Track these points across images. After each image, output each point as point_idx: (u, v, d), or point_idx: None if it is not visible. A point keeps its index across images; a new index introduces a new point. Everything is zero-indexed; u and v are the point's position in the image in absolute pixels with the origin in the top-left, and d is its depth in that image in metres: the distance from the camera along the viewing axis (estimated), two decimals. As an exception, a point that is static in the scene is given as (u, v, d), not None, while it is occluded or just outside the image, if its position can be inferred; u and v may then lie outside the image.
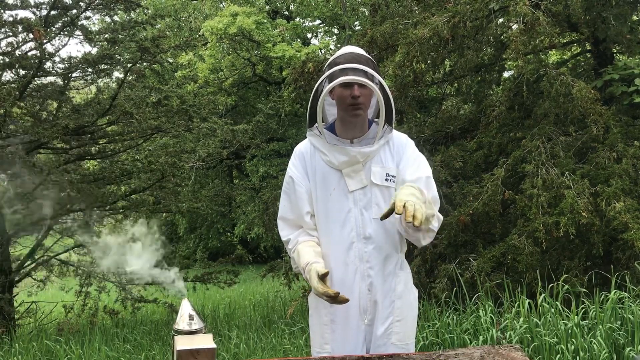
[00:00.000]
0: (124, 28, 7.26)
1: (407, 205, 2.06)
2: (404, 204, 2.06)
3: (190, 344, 1.93)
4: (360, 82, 2.26)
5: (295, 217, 2.42)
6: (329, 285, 2.22)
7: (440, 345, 4.47)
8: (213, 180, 14.99)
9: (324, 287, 2.19)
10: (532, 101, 5.68)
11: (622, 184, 4.77)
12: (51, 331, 6.69)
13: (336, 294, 2.17)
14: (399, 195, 2.13)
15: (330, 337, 2.40)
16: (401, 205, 2.06)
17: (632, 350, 3.83)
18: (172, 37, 14.77)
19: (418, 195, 2.14)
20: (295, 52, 14.45)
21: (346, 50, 2.41)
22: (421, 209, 2.08)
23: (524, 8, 5.04)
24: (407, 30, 5.76)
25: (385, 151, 2.40)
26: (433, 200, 2.33)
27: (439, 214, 2.36)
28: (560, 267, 4.94)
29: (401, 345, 2.37)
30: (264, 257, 16.46)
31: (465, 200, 5.39)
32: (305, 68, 6.48)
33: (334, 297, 2.17)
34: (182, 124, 7.48)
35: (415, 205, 2.07)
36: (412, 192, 2.14)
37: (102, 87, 7.94)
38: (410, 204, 2.06)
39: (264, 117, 10.27)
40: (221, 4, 17.75)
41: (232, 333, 5.90)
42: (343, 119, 2.39)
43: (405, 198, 2.09)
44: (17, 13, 23.99)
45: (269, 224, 6.83)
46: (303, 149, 2.45)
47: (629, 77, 5.52)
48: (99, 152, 7.82)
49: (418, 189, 2.20)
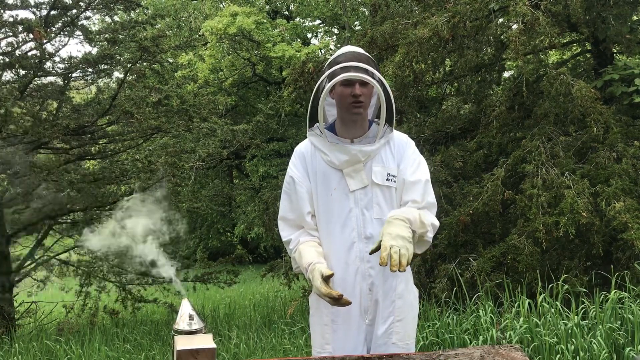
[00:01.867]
0: (124, 28, 7.26)
1: (392, 254, 2.08)
2: (389, 251, 2.09)
3: (190, 344, 1.93)
4: (362, 79, 2.26)
5: (296, 217, 2.42)
6: (331, 287, 2.22)
7: (440, 345, 4.47)
8: (213, 180, 14.99)
9: (328, 289, 2.18)
10: (532, 101, 5.68)
11: (622, 184, 4.77)
12: (51, 331, 6.69)
13: (340, 295, 2.16)
14: (385, 238, 2.14)
15: (331, 337, 2.40)
16: (385, 255, 2.09)
17: (632, 350, 3.83)
18: (172, 37, 14.76)
19: (405, 234, 2.14)
20: (295, 52, 14.44)
21: (347, 50, 2.41)
22: (407, 253, 2.11)
23: (524, 8, 5.04)
24: (407, 30, 5.76)
25: (386, 151, 2.40)
26: (429, 206, 2.36)
27: (435, 221, 2.36)
28: (560, 267, 4.94)
29: (402, 345, 2.37)
30: (264, 257, 16.45)
31: (465, 200, 5.39)
32: (305, 68, 6.48)
33: (337, 299, 2.16)
34: (182, 124, 7.48)
35: (400, 250, 2.09)
36: (398, 233, 2.14)
37: (102, 87, 7.95)
38: (395, 251, 2.09)
39: (264, 117, 10.26)
40: (221, 4, 17.75)
41: (232, 333, 5.89)
42: (343, 118, 2.38)
43: (390, 243, 2.10)
44: (17, 13, 23.98)
45: (269, 224, 6.82)
46: (303, 149, 2.45)
47: (629, 77, 5.51)
48: (99, 152, 7.83)
49: (406, 220, 2.18)
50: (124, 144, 7.74)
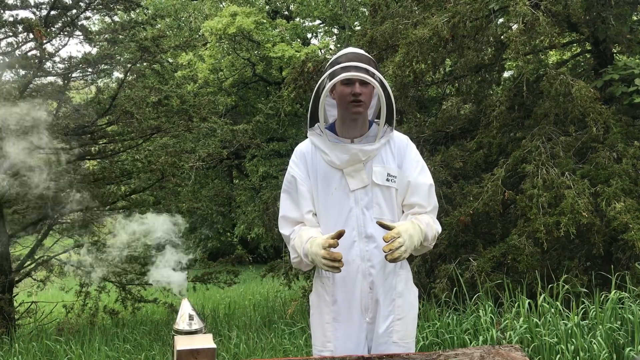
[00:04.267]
0: (124, 28, 7.26)
1: (395, 242, 2.20)
2: (396, 238, 2.20)
3: (190, 344, 1.93)
4: (362, 79, 2.27)
5: (297, 215, 2.42)
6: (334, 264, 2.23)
7: (440, 345, 4.47)
8: (213, 180, 14.99)
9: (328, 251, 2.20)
10: (532, 101, 5.68)
11: (622, 184, 4.77)
12: (51, 331, 6.69)
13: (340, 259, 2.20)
14: (401, 227, 2.25)
15: (332, 336, 2.40)
16: (390, 237, 2.20)
17: (632, 350, 3.83)
18: (172, 37, 14.76)
19: (415, 241, 2.27)
20: (295, 52, 14.44)
21: (348, 50, 2.42)
22: (405, 252, 2.22)
23: (524, 8, 5.04)
24: (407, 30, 5.76)
25: (387, 151, 2.41)
26: (434, 210, 2.42)
27: (438, 226, 2.42)
28: (560, 267, 4.94)
29: (402, 344, 2.38)
30: (264, 257, 16.45)
31: (466, 200, 5.39)
32: (304, 68, 6.48)
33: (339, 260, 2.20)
34: (182, 124, 7.48)
35: (403, 245, 2.21)
36: (412, 233, 2.26)
37: (102, 87, 7.95)
38: (401, 242, 2.20)
39: (264, 117, 10.26)
40: (221, 4, 17.75)
41: (232, 333, 5.89)
42: (344, 118, 2.39)
43: (401, 233, 2.22)
44: (18, 13, 23.98)
45: (269, 224, 6.82)
46: (304, 149, 2.45)
47: (629, 77, 5.51)
48: (99, 152, 7.82)
49: (423, 233, 2.30)
50: (124, 144, 7.73)
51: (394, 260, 2.21)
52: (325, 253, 2.20)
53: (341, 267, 2.21)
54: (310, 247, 2.27)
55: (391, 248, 2.19)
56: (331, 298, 2.40)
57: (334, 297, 2.40)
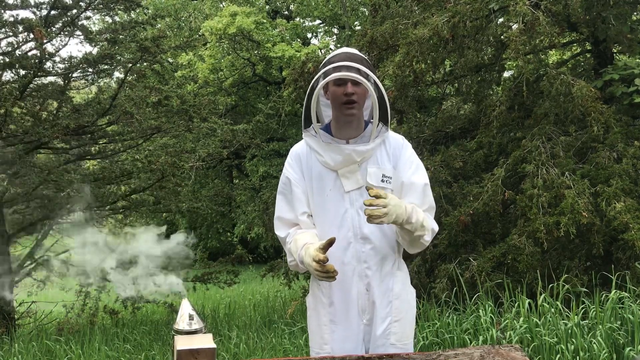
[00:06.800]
0: (124, 28, 7.26)
1: (379, 200, 2.16)
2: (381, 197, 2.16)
3: (190, 344, 1.92)
4: (352, 79, 2.26)
5: (292, 217, 2.41)
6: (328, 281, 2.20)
7: (440, 345, 4.47)
8: (213, 180, 15.02)
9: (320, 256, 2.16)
10: (532, 101, 5.68)
11: (622, 184, 4.77)
12: (51, 331, 6.69)
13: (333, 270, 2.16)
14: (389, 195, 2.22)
15: (329, 337, 2.39)
16: (376, 194, 2.16)
17: (632, 350, 3.83)
18: (172, 37, 14.77)
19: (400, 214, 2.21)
20: (295, 52, 14.45)
21: (341, 50, 2.41)
22: (385, 215, 2.16)
23: (524, 8, 5.04)
24: (407, 30, 5.75)
25: (382, 151, 2.39)
26: (429, 209, 2.38)
27: (435, 226, 2.39)
28: (560, 267, 4.94)
29: (400, 346, 2.37)
30: (264, 257, 16.45)
31: (466, 200, 5.38)
32: (304, 68, 6.47)
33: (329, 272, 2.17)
34: (182, 124, 7.48)
35: (387, 207, 2.17)
36: (399, 204, 2.21)
37: (103, 87, 7.95)
38: (385, 202, 2.16)
39: (264, 117, 10.27)
40: (221, 4, 17.76)
41: (232, 333, 5.89)
42: (338, 118, 2.37)
43: (388, 196, 2.19)
44: (18, 13, 23.97)
45: (269, 224, 6.82)
46: (299, 150, 2.44)
47: (629, 77, 5.51)
48: (99, 152, 7.83)
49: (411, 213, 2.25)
50: (124, 144, 7.74)
51: (372, 218, 2.17)
52: (317, 266, 2.18)
53: (336, 276, 2.19)
54: (304, 255, 2.25)
55: (372, 203, 2.15)
56: (328, 300, 2.39)
57: (331, 298, 2.38)
